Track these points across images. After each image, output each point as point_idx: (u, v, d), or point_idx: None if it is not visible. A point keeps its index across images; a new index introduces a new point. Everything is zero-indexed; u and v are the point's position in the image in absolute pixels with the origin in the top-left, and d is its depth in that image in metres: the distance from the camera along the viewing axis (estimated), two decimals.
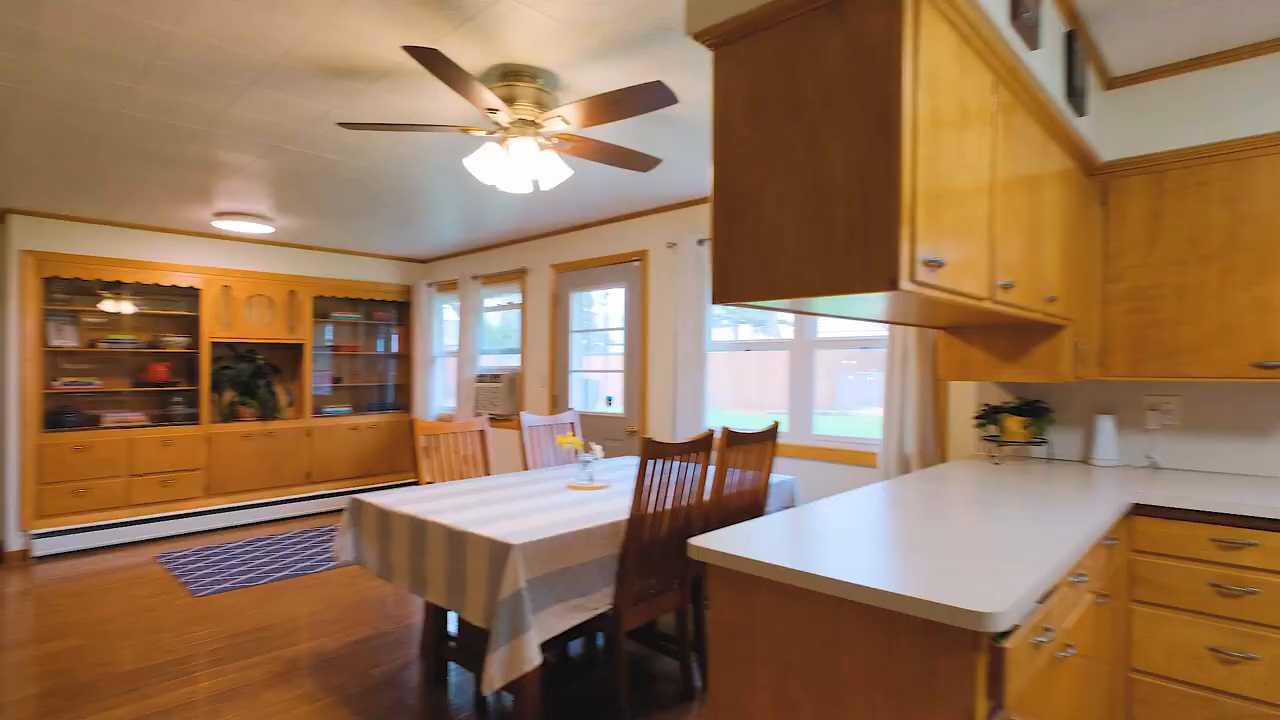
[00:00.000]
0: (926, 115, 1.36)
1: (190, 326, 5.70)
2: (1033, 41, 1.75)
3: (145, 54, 2.39)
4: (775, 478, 3.33)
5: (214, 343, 5.75)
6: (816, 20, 1.39)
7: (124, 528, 5.08)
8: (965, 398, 3.29)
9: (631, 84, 2.59)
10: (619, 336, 5.11)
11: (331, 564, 4.57)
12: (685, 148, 3.37)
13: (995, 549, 1.54)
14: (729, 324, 4.54)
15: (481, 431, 3.56)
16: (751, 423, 2.88)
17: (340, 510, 6.31)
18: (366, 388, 7.01)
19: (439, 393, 6.82)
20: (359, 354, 6.90)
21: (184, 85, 2.66)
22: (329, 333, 6.72)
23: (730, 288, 1.55)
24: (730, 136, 1.54)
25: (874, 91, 1.31)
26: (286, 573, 4.37)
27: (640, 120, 2.98)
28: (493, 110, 2.43)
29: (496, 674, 2.04)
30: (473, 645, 2.80)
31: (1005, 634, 1.24)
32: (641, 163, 2.94)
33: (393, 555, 2.58)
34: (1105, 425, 2.79)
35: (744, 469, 2.89)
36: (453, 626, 3.32)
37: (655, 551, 2.53)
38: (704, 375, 4.37)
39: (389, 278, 6.80)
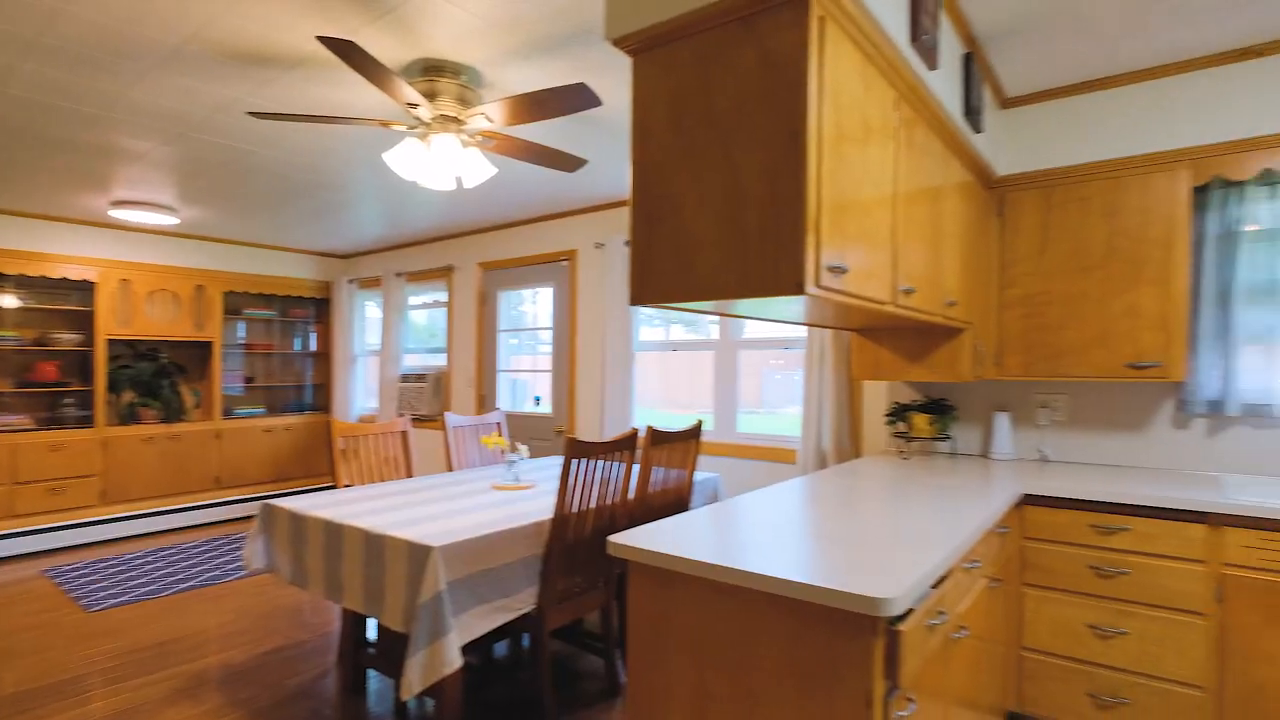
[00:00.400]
0: (831, 129, 1.43)
1: (84, 322, 5.31)
2: (932, 62, 1.87)
3: (29, 29, 2.23)
4: (699, 475, 3.40)
5: (111, 340, 5.38)
6: (730, 33, 1.45)
7: (6, 540, 4.69)
8: (878, 397, 3.46)
9: (556, 84, 2.60)
10: (548, 336, 5.09)
11: (242, 573, 4.36)
12: (612, 149, 3.40)
13: (899, 539, 1.64)
14: (661, 324, 4.60)
15: (404, 432, 3.49)
16: (681, 422, 2.95)
17: (253, 516, 6.02)
18: (282, 388, 6.71)
19: (360, 393, 6.60)
20: (274, 352, 6.60)
21: (76, 65, 2.48)
22: (241, 330, 6.40)
23: (648, 289, 1.59)
24: (649, 141, 1.58)
25: (783, 105, 1.37)
26: (192, 583, 4.14)
27: (567, 120, 2.99)
28: (413, 105, 2.39)
29: (416, 678, 2.01)
30: (392, 651, 2.74)
31: (901, 618, 1.33)
32: (568, 163, 2.95)
33: (307, 561, 2.49)
34: (1002, 422, 3.00)
35: (668, 467, 2.94)
36: (373, 633, 3.23)
37: (580, 550, 2.55)
38: (632, 375, 4.41)
39: (307, 273, 6.53)
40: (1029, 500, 2.45)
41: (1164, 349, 2.48)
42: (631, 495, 2.83)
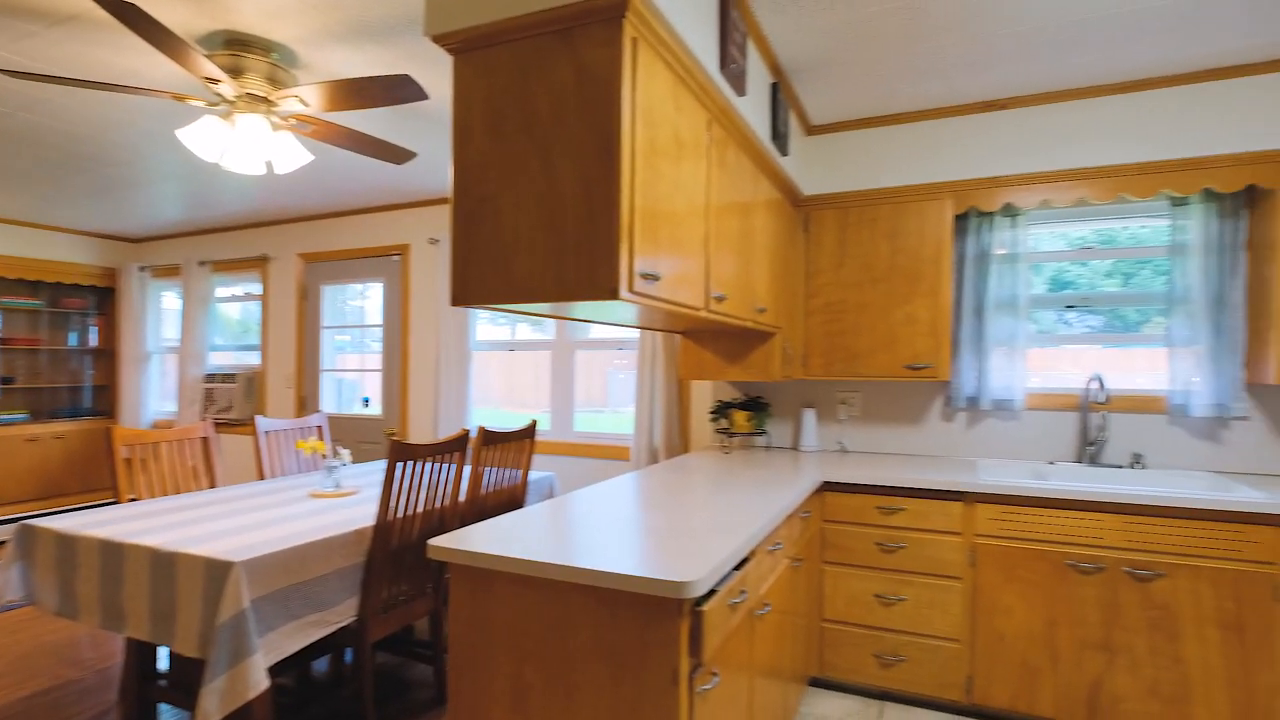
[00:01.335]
0: (645, 144, 1.52)
1: None
2: (740, 89, 2.04)
3: None
4: (535, 474, 3.42)
5: None
6: (548, 43, 1.49)
7: None
8: (704, 395, 3.68)
9: (381, 73, 2.49)
10: (379, 333, 4.84)
11: None
12: (444, 143, 3.32)
13: (712, 527, 1.77)
14: (506, 322, 4.55)
15: (205, 438, 3.16)
16: (523, 422, 2.95)
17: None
18: (52, 389, 5.78)
19: (155, 395, 5.86)
20: (41, 348, 5.66)
21: None
22: None
23: (469, 290, 1.59)
24: (470, 142, 1.58)
25: (598, 117, 1.44)
26: None
27: (397, 110, 2.87)
28: (214, 80, 2.18)
29: (213, 706, 1.84)
30: (188, 680, 2.48)
31: (706, 599, 1.44)
32: (395, 155, 2.84)
33: (78, 588, 2.19)
34: (809, 417, 3.32)
35: (502, 467, 2.93)
36: (166, 663, 2.89)
37: (406, 556, 2.47)
38: (468, 374, 4.33)
39: (85, 258, 5.68)
40: (828, 487, 2.74)
41: (934, 352, 2.89)
42: (463, 497, 2.78)
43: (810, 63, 2.51)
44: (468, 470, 3.49)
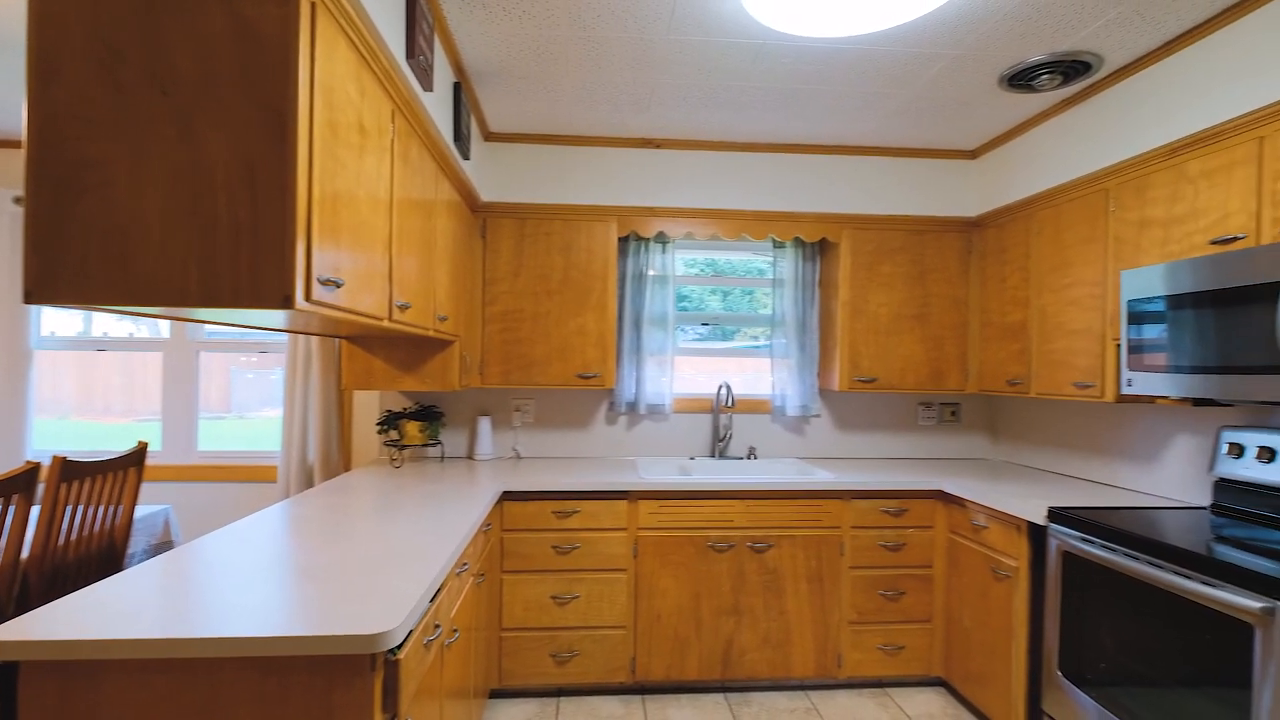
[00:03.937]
0: (325, 128, 1.31)
1: None
2: (427, 84, 1.90)
3: None
4: (143, 510, 2.71)
5: None
6: None
7: None
8: (369, 404, 3.36)
9: None
10: None
11: None
12: (12, 74, 2.43)
13: (392, 559, 1.60)
14: (79, 310, 3.48)
15: None
16: (123, 438, 2.24)
17: None
18: None
19: None
20: None
21: None
22: None
23: (60, 283, 1.17)
24: (60, 83, 1.16)
25: (268, 87, 1.19)
26: None
27: None
28: None
29: None
30: None
31: (400, 644, 1.30)
32: None
33: None
34: (484, 425, 3.28)
35: (93, 506, 2.25)
36: None
37: None
38: (28, 382, 3.24)
39: None
40: (507, 496, 2.73)
41: (601, 362, 3.11)
42: (26, 554, 2.06)
43: (495, 69, 2.48)
44: (36, 515, 2.61)
